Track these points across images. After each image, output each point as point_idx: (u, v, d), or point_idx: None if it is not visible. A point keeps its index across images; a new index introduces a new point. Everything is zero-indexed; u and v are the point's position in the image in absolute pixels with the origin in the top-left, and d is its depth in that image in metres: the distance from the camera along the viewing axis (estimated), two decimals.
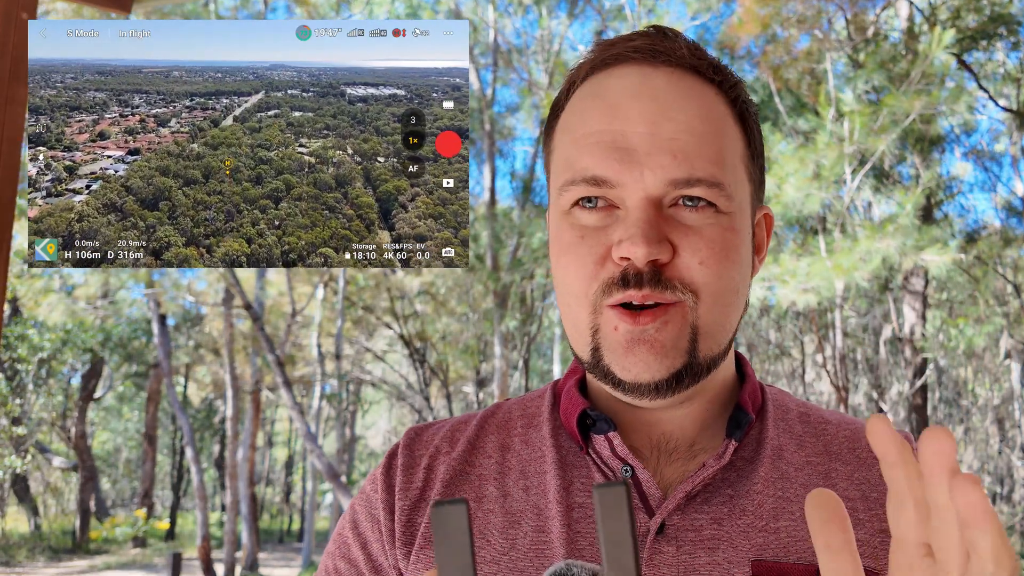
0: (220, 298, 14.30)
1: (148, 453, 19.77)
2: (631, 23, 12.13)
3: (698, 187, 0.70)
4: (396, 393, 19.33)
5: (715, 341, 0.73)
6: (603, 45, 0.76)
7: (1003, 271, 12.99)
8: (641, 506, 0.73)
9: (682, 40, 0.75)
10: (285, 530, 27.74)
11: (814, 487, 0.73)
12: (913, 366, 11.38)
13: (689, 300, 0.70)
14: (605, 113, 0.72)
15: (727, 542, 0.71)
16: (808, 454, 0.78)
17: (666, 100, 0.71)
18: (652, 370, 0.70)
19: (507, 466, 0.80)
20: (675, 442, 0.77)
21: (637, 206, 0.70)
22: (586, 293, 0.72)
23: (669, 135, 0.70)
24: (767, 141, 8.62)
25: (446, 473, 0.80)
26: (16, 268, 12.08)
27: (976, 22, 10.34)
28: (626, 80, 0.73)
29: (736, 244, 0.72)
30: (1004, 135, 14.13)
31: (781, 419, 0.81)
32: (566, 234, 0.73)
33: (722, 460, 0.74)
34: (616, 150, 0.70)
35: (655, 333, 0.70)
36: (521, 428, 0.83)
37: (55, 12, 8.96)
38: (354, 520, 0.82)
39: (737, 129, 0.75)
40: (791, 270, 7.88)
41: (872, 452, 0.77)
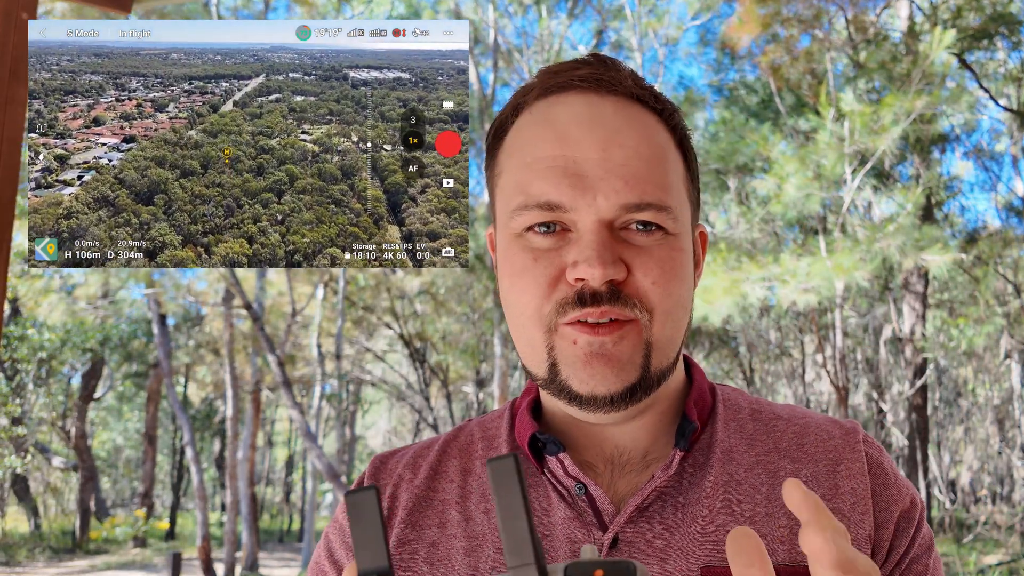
0: (220, 298, 14.30)
1: (148, 453, 19.77)
2: (631, 22, 12.14)
3: (648, 211, 0.73)
4: (396, 393, 19.33)
5: (666, 355, 0.75)
6: (548, 73, 0.78)
7: (1003, 271, 12.99)
8: (595, 522, 0.76)
9: (625, 70, 0.78)
10: (285, 530, 27.73)
11: (763, 486, 0.76)
12: (913, 366, 11.38)
13: (644, 318, 0.73)
14: (556, 139, 0.74)
15: (678, 551, 0.73)
16: (758, 452, 0.80)
17: (614, 127, 0.74)
18: (608, 383, 0.72)
19: (468, 490, 0.82)
20: (628, 454, 0.79)
21: (591, 228, 0.72)
22: (540, 313, 0.74)
23: (620, 161, 0.73)
24: (768, 141, 8.61)
25: (409, 500, 0.82)
26: (16, 268, 12.08)
27: (977, 22, 10.34)
28: (574, 108, 0.75)
29: (683, 263, 0.76)
30: (1004, 135, 14.13)
31: (732, 419, 0.82)
32: (518, 256, 0.75)
33: (669, 471, 0.76)
34: (569, 176, 0.73)
35: (612, 347, 0.72)
36: (482, 450, 0.85)
37: (55, 12, 8.96)
38: (329, 549, 0.85)
39: (678, 154, 0.78)
40: (791, 270, 7.88)
41: (819, 447, 0.80)
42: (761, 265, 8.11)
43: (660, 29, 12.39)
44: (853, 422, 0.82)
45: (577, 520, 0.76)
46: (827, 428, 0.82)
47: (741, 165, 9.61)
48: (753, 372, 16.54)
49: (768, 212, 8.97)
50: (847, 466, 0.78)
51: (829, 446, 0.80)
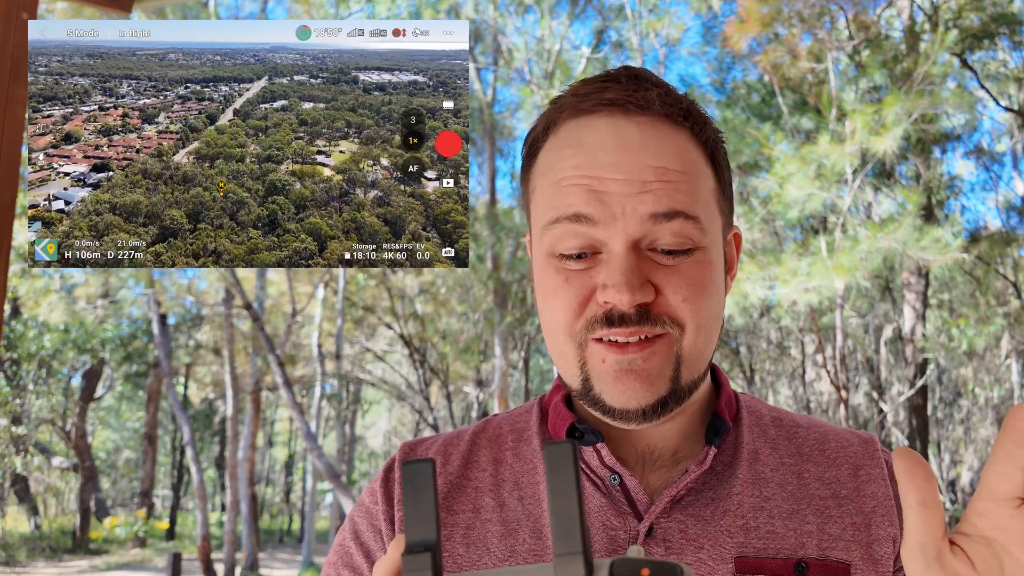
0: (220, 298, 14.29)
1: (148, 453, 19.77)
2: (632, 22, 12.13)
3: (677, 219, 0.74)
4: (396, 393, 19.33)
5: (696, 368, 0.78)
6: (578, 94, 0.79)
7: (1004, 271, 12.99)
8: (630, 511, 0.79)
9: (653, 87, 0.78)
10: (285, 530, 27.73)
11: (789, 486, 0.80)
12: (913, 366, 11.37)
13: (675, 332, 0.75)
14: (583, 162, 0.76)
15: (711, 541, 0.77)
16: (782, 456, 0.84)
17: (641, 148, 0.75)
18: (639, 397, 0.75)
19: (501, 478, 0.85)
20: (659, 452, 0.82)
21: (619, 252, 0.74)
22: (571, 330, 0.76)
23: (646, 179, 0.74)
24: (769, 141, 8.61)
25: (443, 486, 0.85)
26: (16, 268, 12.08)
27: (978, 22, 10.34)
28: (601, 132, 0.76)
29: (712, 276, 0.77)
30: (1005, 134, 14.13)
31: (755, 424, 0.86)
32: (552, 276, 0.78)
33: (703, 465, 0.79)
34: (595, 191, 0.75)
35: (642, 363, 0.75)
36: (512, 442, 0.87)
37: (56, 12, 8.96)
38: (355, 531, 0.86)
39: (708, 168, 0.79)
40: (792, 270, 7.87)
41: (840, 452, 0.85)
42: (762, 265, 8.11)
43: (661, 29, 12.38)
44: (870, 433, 0.87)
45: (613, 509, 0.79)
46: (845, 436, 0.86)
47: (742, 164, 9.61)
48: (753, 372, 16.54)
49: (769, 212, 8.97)
50: (867, 471, 0.83)
51: (849, 452, 0.84)
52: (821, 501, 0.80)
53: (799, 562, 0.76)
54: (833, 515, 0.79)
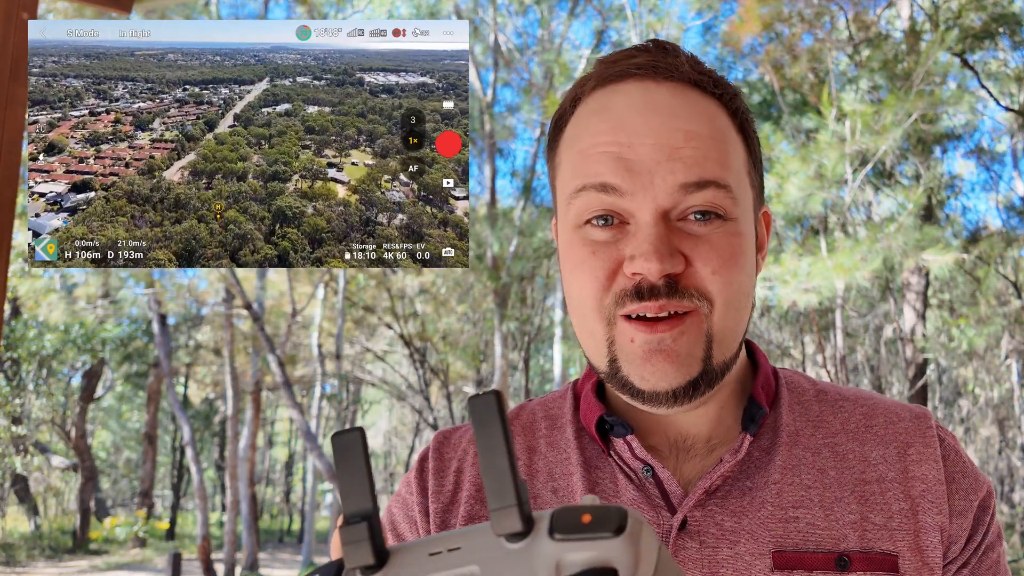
0: (220, 298, 14.29)
1: (148, 453, 19.76)
2: (632, 22, 12.12)
3: (708, 189, 0.72)
4: (396, 393, 19.32)
5: (728, 347, 0.74)
6: (606, 62, 0.77)
7: (1004, 271, 12.98)
8: (663, 504, 0.76)
9: (682, 55, 0.77)
10: (285, 530, 27.72)
11: (831, 470, 0.76)
12: (913, 366, 11.37)
13: (704, 307, 0.72)
14: (612, 128, 0.73)
15: (748, 535, 0.73)
16: (824, 435, 0.79)
17: (671, 113, 0.73)
18: (670, 379, 0.72)
19: (535, 468, 0.82)
20: (692, 439, 0.79)
21: (648, 221, 0.71)
22: (599, 305, 0.73)
23: (676, 144, 0.72)
24: (769, 141, 8.61)
25: (477, 476, 0.83)
26: (16, 268, 12.08)
27: (978, 21, 10.33)
28: (630, 96, 0.74)
29: (743, 248, 0.74)
30: (1006, 134, 14.12)
31: (796, 402, 0.82)
32: (578, 250, 0.75)
33: (738, 455, 0.76)
34: (624, 159, 0.72)
35: (672, 343, 0.71)
36: (545, 430, 0.85)
37: (56, 12, 8.95)
38: (392, 521, 0.86)
39: (739, 139, 0.77)
40: (792, 270, 7.87)
41: (888, 429, 0.78)
42: None
43: (661, 29, 12.38)
44: (924, 408, 0.81)
45: (646, 502, 0.76)
46: (896, 411, 0.81)
47: None
48: None
49: None
50: (918, 450, 0.77)
51: (899, 428, 0.79)
52: (865, 486, 0.75)
53: (841, 556, 0.72)
54: (877, 501, 0.75)
